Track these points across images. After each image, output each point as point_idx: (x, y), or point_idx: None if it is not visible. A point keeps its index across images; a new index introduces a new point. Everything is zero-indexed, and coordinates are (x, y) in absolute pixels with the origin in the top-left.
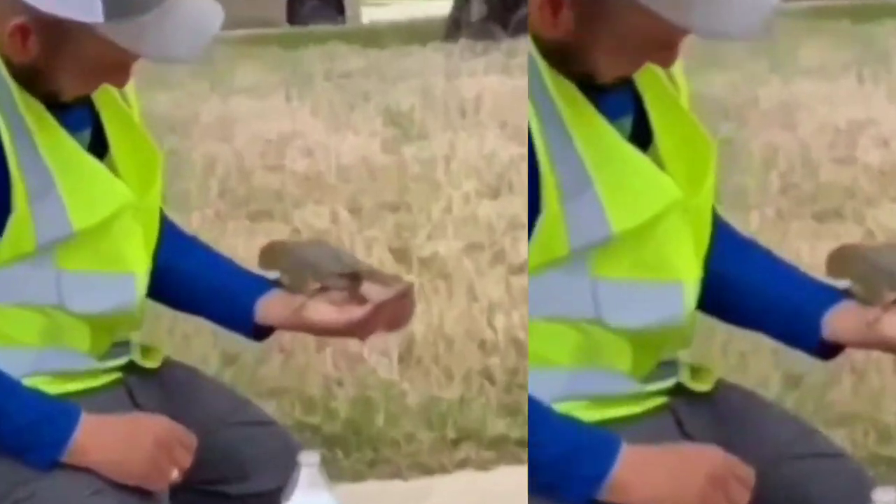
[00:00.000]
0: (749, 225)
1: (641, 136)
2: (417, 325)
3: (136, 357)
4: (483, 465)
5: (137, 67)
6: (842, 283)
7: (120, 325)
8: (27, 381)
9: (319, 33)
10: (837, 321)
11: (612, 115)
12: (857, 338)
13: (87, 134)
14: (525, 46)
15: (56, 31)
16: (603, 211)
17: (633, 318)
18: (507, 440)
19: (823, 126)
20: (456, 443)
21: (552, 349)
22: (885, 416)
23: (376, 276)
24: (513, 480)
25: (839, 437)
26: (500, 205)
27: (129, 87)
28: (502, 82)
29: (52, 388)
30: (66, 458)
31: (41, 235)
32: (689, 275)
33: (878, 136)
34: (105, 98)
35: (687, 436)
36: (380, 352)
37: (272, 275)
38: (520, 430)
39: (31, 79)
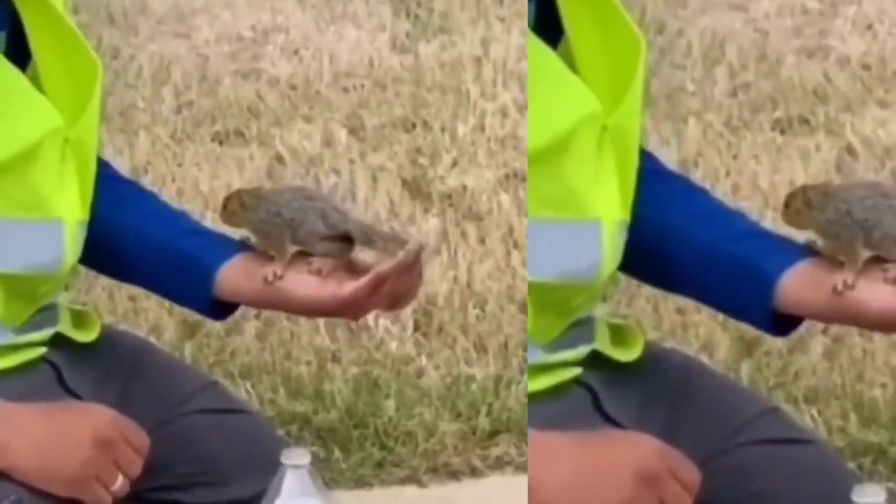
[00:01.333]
0: (686, 137)
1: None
2: (439, 281)
3: (66, 328)
4: (524, 466)
5: None
6: (802, 237)
7: (43, 287)
8: None
9: None
10: (794, 286)
11: None
12: (820, 308)
13: (1, 37)
14: None
15: None
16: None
17: (541, 266)
18: None
19: (784, 5)
20: (491, 436)
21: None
22: (870, 391)
23: (374, 238)
24: None
25: (809, 418)
26: None
27: None
28: None
29: None
30: None
31: None
32: (606, 211)
33: (861, 18)
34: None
35: (608, 418)
36: (389, 317)
37: (238, 234)
38: None
39: None
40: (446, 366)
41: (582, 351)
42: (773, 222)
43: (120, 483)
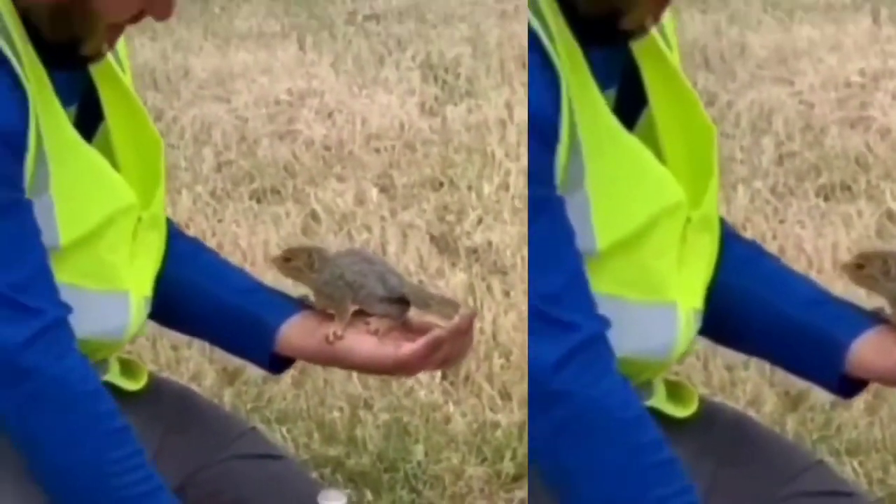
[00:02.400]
0: (735, 203)
1: (626, 113)
2: None
3: (115, 377)
4: None
5: None
6: (873, 304)
7: (104, 350)
8: None
9: None
10: (863, 353)
11: (600, 82)
12: (888, 374)
13: (71, 111)
14: None
15: None
16: (589, 217)
17: (619, 343)
18: None
19: (829, 79)
20: (515, 480)
21: None
22: None
23: (429, 301)
24: None
25: (850, 470)
26: None
27: (122, 48)
28: None
29: None
30: None
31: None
32: (685, 298)
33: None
34: (101, 67)
35: None
36: None
37: (299, 292)
38: None
39: (46, 22)
40: (473, 413)
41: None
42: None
43: None
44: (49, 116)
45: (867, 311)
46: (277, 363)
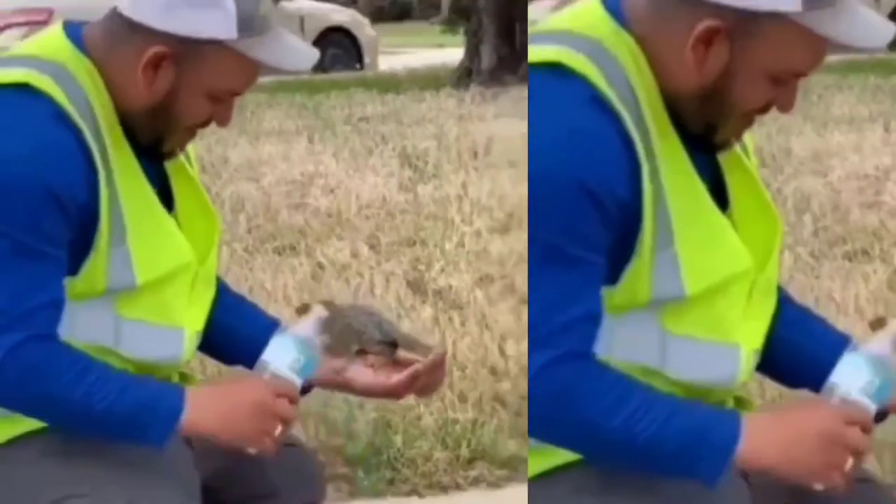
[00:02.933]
0: (783, 264)
1: (717, 201)
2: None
3: None
4: (495, 483)
5: None
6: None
7: (163, 371)
8: None
9: (340, 80)
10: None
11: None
12: None
13: (154, 191)
14: None
15: (191, 55)
16: (679, 269)
17: (693, 373)
18: (518, 460)
19: (852, 172)
20: (470, 462)
21: None
22: None
23: (413, 345)
24: (523, 498)
25: (867, 462)
26: (509, 240)
27: (192, 150)
28: (512, 126)
29: None
30: (178, 430)
31: (111, 281)
32: (748, 341)
33: None
34: (175, 162)
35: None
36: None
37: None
38: None
39: (139, 124)
40: (438, 412)
41: None
42: (843, 325)
43: (279, 430)
44: (130, 188)
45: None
46: (301, 389)
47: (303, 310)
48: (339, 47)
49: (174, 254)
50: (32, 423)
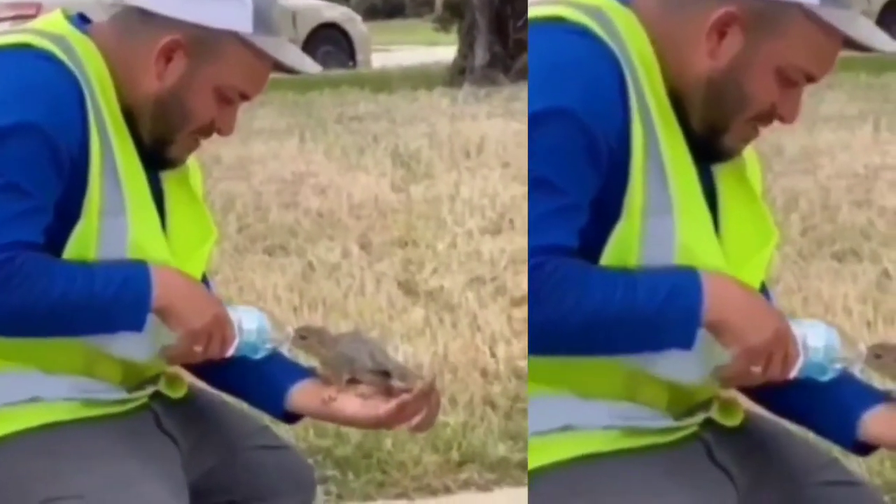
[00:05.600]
0: (771, 264)
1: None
2: (423, 354)
3: (163, 387)
4: (485, 487)
5: None
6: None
7: (153, 369)
8: (59, 405)
9: (332, 78)
10: (874, 425)
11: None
12: (891, 442)
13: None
14: (525, 93)
15: (204, 46)
16: (673, 240)
17: (679, 371)
18: (508, 463)
19: (842, 171)
20: (460, 465)
21: (597, 382)
22: None
23: (406, 375)
24: (513, 501)
25: (855, 463)
26: (501, 241)
27: (193, 164)
28: (504, 125)
29: (80, 412)
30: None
31: (102, 251)
32: None
33: (895, 180)
34: (177, 179)
35: (716, 463)
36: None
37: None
38: (520, 454)
39: (144, 120)
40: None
41: (700, 418)
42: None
43: (215, 347)
44: (129, 164)
45: (878, 389)
46: (289, 417)
47: (298, 338)
48: (331, 44)
49: (156, 251)
50: (21, 422)
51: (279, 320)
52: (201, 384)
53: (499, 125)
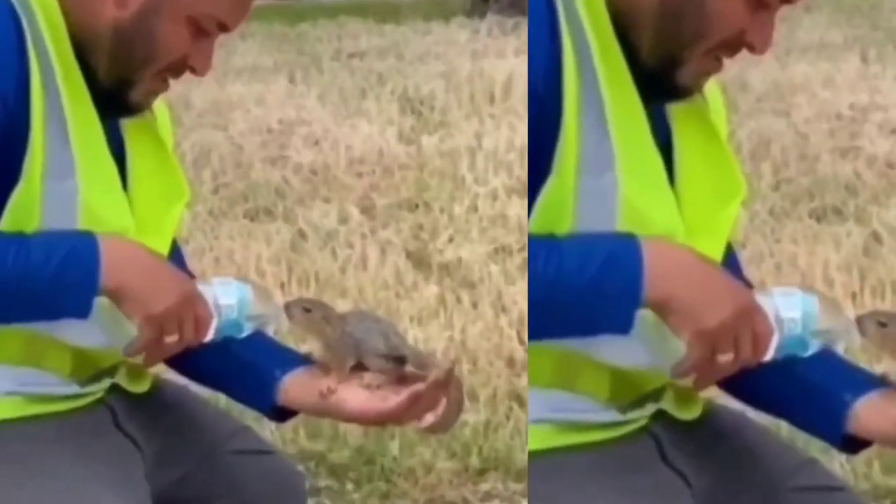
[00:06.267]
0: (738, 225)
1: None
2: (437, 340)
3: (122, 381)
4: (511, 499)
5: None
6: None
7: (109, 360)
8: None
9: (328, 6)
10: (866, 416)
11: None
12: (886, 437)
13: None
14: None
15: None
16: (615, 202)
17: (619, 354)
18: None
19: (822, 112)
20: (481, 473)
21: (534, 368)
22: None
23: (426, 364)
24: None
25: (838, 465)
26: None
27: (161, 111)
28: None
29: (21, 409)
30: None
31: (47, 221)
32: None
33: (886, 124)
34: (140, 128)
35: (668, 463)
36: None
37: (305, 348)
38: None
39: (100, 57)
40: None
41: (650, 410)
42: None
43: (189, 331)
44: (82, 121)
45: (870, 372)
46: (281, 413)
47: (301, 311)
48: None
49: (115, 215)
50: None
51: (266, 291)
52: (170, 375)
53: None
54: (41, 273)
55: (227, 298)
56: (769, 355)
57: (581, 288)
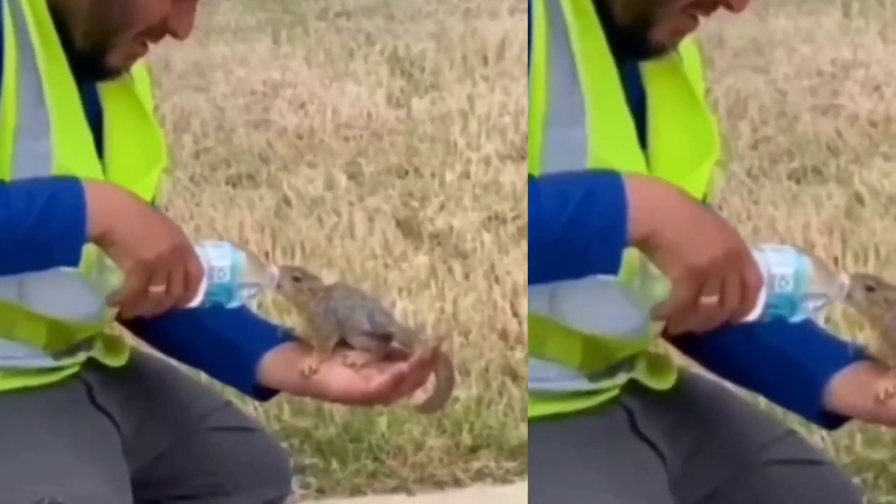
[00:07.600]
0: (714, 186)
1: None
2: (427, 312)
3: (98, 353)
4: (504, 478)
5: None
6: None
7: (84, 332)
8: None
9: None
10: (844, 391)
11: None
12: (865, 413)
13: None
14: None
15: None
16: (586, 156)
17: (590, 320)
18: None
19: (802, 68)
20: (472, 451)
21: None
22: None
23: (409, 340)
24: None
25: (819, 438)
26: (526, 170)
27: (140, 72)
28: None
29: None
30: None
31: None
32: None
33: (869, 81)
34: (117, 92)
35: (640, 435)
36: None
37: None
38: None
39: (78, 19)
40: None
41: (622, 379)
42: None
43: (165, 299)
44: (55, 79)
45: (851, 346)
46: (262, 392)
47: (292, 280)
48: None
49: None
50: None
51: (260, 260)
52: (147, 349)
53: (525, 22)
54: (24, 220)
55: (220, 261)
56: (756, 312)
57: (564, 225)
